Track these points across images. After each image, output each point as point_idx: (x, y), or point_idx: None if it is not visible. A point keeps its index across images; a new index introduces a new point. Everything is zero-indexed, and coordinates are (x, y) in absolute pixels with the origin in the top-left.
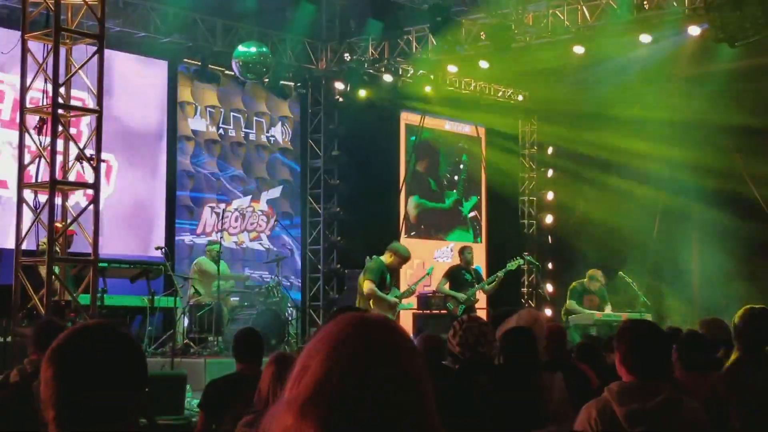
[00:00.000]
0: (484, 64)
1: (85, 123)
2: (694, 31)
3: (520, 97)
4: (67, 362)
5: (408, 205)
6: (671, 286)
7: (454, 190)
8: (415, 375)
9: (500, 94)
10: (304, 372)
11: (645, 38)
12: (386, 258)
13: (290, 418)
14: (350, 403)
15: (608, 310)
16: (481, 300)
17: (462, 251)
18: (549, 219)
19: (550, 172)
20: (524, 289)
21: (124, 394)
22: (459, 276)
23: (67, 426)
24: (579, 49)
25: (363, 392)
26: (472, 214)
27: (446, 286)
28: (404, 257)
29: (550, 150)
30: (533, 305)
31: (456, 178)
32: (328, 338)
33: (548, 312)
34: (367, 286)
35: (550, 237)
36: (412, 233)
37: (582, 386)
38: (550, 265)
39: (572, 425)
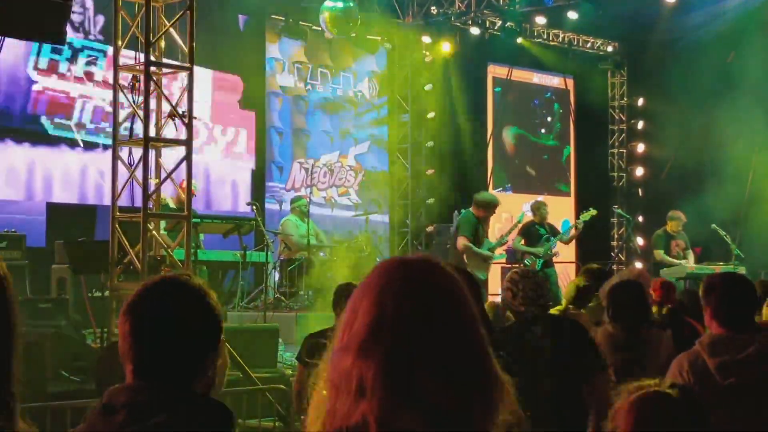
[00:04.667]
0: (572, 15)
1: (176, 81)
2: None
3: (610, 48)
4: (142, 317)
5: (504, 137)
6: (765, 239)
7: (551, 134)
8: (461, 306)
9: (589, 45)
10: (354, 316)
11: None
12: (474, 211)
13: (349, 359)
14: (405, 338)
15: (691, 255)
16: (570, 255)
17: (538, 207)
18: (639, 171)
19: (640, 124)
20: (614, 243)
21: (199, 347)
22: (534, 232)
23: (143, 378)
24: None
25: (415, 326)
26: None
27: (522, 243)
28: (492, 204)
29: (640, 101)
30: (623, 259)
31: (547, 127)
32: (372, 283)
33: (639, 265)
34: (461, 242)
35: (640, 190)
36: (499, 188)
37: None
38: (640, 218)
39: None
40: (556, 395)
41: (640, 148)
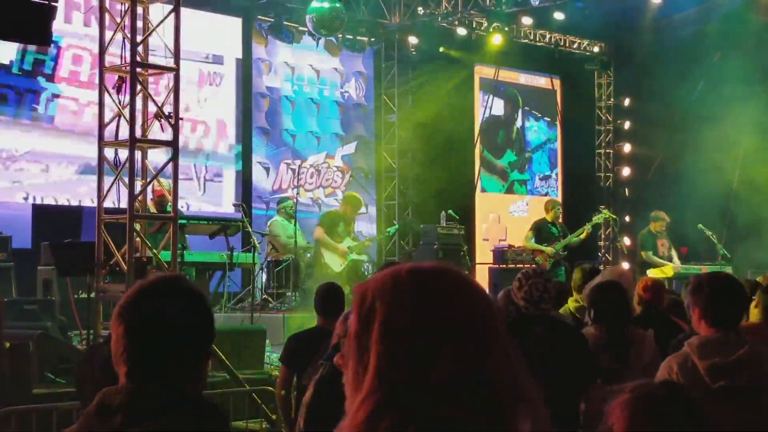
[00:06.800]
0: (559, 16)
1: (162, 81)
2: None
3: (596, 48)
4: (137, 318)
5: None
6: (751, 238)
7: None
8: (489, 313)
9: (576, 45)
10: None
11: None
12: (340, 208)
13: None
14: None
15: (675, 255)
16: None
17: (552, 206)
18: (626, 171)
19: (627, 124)
20: (601, 243)
21: (194, 349)
22: (545, 230)
23: (138, 380)
24: None
25: (451, 339)
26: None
27: (533, 241)
28: (354, 205)
29: (627, 101)
30: (610, 259)
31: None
32: (406, 296)
33: (626, 265)
34: (317, 232)
35: (626, 190)
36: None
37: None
38: (627, 218)
39: None
40: (551, 400)
41: (627, 148)
